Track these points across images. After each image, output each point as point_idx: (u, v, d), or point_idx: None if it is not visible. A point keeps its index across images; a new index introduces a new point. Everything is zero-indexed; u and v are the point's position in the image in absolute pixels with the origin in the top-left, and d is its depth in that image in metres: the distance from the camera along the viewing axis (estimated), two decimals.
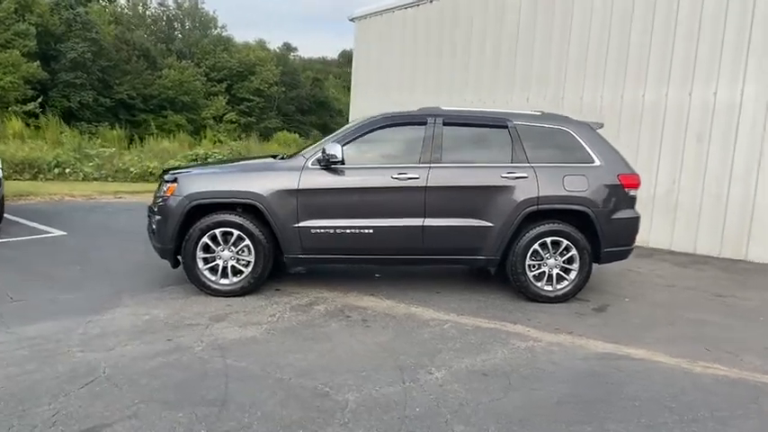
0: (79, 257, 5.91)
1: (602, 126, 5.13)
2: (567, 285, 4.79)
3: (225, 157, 15.36)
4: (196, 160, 16.92)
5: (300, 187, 4.55)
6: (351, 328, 4.01)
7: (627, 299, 5.07)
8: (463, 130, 4.79)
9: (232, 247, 4.62)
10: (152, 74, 35.27)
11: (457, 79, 9.86)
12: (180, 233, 4.58)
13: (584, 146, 4.83)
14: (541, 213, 4.70)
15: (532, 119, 4.95)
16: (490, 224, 4.67)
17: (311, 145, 5.33)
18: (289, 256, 4.66)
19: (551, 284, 4.79)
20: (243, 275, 4.65)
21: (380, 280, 5.39)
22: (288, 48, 51.79)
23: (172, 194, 4.58)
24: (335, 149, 4.43)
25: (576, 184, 4.70)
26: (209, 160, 15.06)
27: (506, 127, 4.81)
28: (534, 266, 4.76)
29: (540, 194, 4.66)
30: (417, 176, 4.62)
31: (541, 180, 4.67)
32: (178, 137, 22.80)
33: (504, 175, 4.68)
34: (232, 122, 37.22)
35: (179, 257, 4.68)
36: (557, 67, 8.68)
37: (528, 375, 3.30)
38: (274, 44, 51.21)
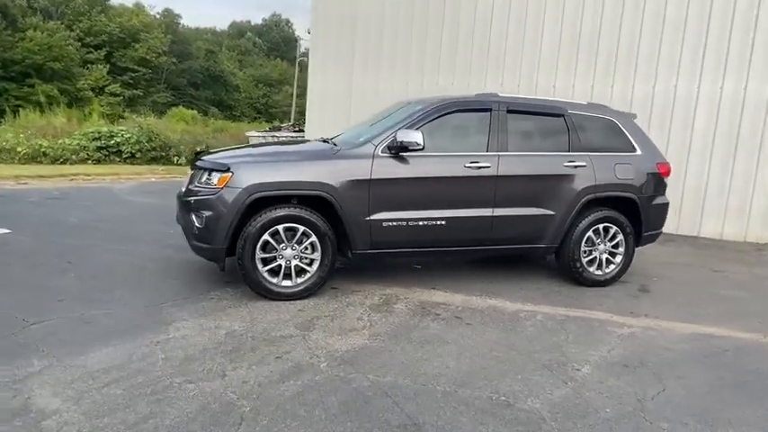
0: (58, 261, 4.93)
1: (636, 117, 5.38)
2: (615, 269, 5.01)
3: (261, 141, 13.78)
4: (99, 139, 15.03)
5: (373, 177, 4.19)
6: (454, 328, 3.81)
7: (655, 278, 5.43)
8: (524, 118, 4.73)
9: (295, 245, 4.14)
10: (12, 35, 30.43)
11: (428, 62, 9.72)
12: (236, 231, 4.00)
13: (627, 135, 5.03)
14: (596, 201, 4.82)
15: (583, 108, 5.03)
16: (552, 212, 4.70)
17: (353, 128, 4.96)
18: (357, 251, 4.29)
19: (601, 269, 4.97)
20: (307, 276, 4.20)
21: (427, 271, 5.19)
22: (169, 14, 47.43)
23: (225, 186, 3.96)
24: (415, 136, 4.12)
25: (625, 173, 4.89)
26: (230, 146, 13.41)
27: (563, 116, 4.84)
28: (586, 252, 4.89)
29: (597, 183, 4.78)
30: (489, 165, 4.48)
31: (597, 169, 4.79)
32: (57, 110, 19.91)
33: (565, 164, 4.72)
34: (115, 95, 33.53)
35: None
36: (530, 53, 8.92)
37: (660, 363, 3.39)
38: (154, 10, 46.46)
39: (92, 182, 11.04)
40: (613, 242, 4.96)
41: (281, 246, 4.10)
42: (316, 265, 4.20)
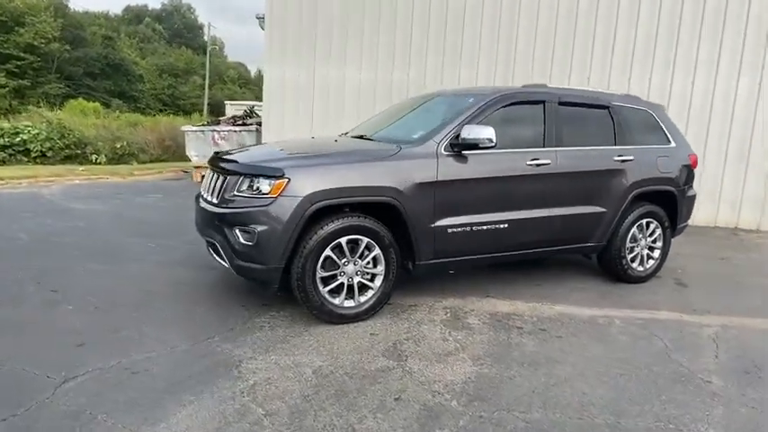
0: (39, 291, 3.95)
1: (665, 108, 5.35)
2: (654, 264, 4.95)
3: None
4: (2, 137, 12.96)
5: (439, 179, 3.73)
6: (548, 343, 3.47)
7: (679, 270, 5.47)
8: (574, 111, 4.47)
9: (358, 260, 3.58)
10: None
11: (398, 54, 9.26)
12: (294, 247, 3.37)
13: (662, 126, 4.98)
14: (641, 196, 4.71)
15: (621, 99, 4.89)
16: (604, 210, 4.52)
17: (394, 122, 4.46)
18: (421, 262, 3.81)
19: (642, 265, 4.89)
20: (370, 293, 3.66)
21: (465, 277, 4.80)
22: None
23: (280, 194, 3.30)
24: (485, 132, 3.71)
25: (665, 166, 4.83)
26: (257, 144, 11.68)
27: (608, 107, 4.66)
28: (629, 249, 4.78)
29: (644, 177, 4.67)
30: (549, 162, 4.18)
31: (643, 163, 4.67)
32: None
33: (615, 159, 4.55)
34: None
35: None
36: (506, 43, 8.79)
37: None
38: None
39: (7, 187, 9.38)
40: (653, 237, 4.90)
41: (343, 261, 3.53)
42: (379, 281, 3.67)
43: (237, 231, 3.40)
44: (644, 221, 4.78)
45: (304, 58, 9.68)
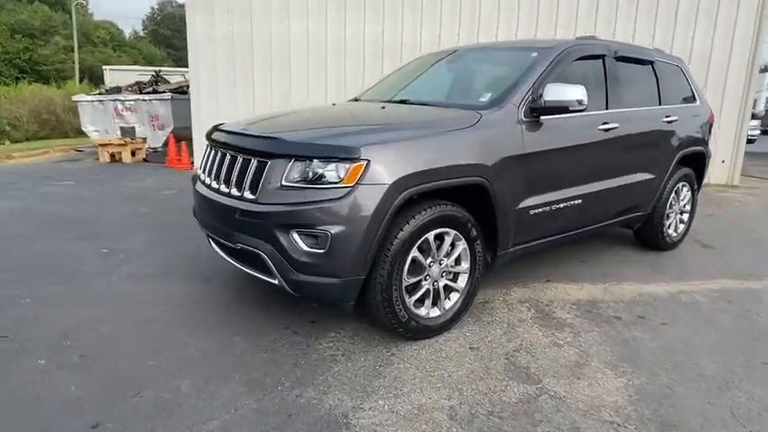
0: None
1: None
2: (684, 229, 4.76)
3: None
4: None
5: (526, 151, 3.06)
6: (664, 334, 3.04)
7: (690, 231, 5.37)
8: (627, 68, 3.97)
9: (443, 258, 2.85)
10: None
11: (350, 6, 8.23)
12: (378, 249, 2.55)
13: (690, 83, 4.70)
14: (681, 159, 4.42)
15: (660, 54, 4.50)
16: (653, 176, 4.16)
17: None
18: (503, 252, 3.16)
19: (675, 230, 4.67)
20: (455, 297, 2.96)
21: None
22: None
23: (358, 182, 2.44)
24: (574, 93, 3.07)
25: (698, 126, 4.58)
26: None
27: (652, 63, 4.25)
28: (666, 215, 4.51)
29: (686, 139, 4.37)
30: (617, 125, 3.68)
31: (684, 123, 4.36)
32: None
33: (664, 120, 4.17)
34: None
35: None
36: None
37: None
38: None
39: None
40: (684, 201, 4.67)
41: (428, 262, 2.78)
42: (464, 281, 2.97)
43: (297, 236, 2.49)
44: (679, 185, 4.52)
45: (236, 10, 8.30)
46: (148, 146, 10.83)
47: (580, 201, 3.51)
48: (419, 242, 2.68)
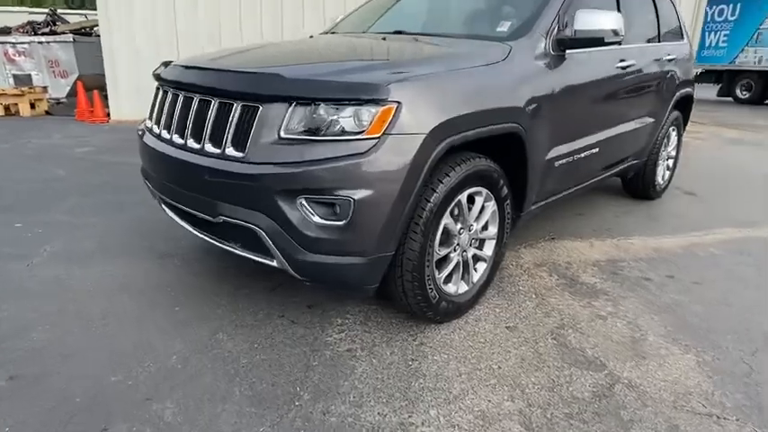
0: None
1: None
2: (669, 175, 4.58)
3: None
4: None
5: (556, 90, 2.58)
6: (703, 296, 2.78)
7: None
8: None
9: (473, 223, 2.36)
10: None
11: None
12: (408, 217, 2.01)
13: (679, 18, 4.38)
14: (676, 102, 4.15)
15: None
16: (654, 120, 3.86)
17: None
18: (527, 210, 2.72)
19: (663, 178, 4.47)
20: (482, 268, 2.51)
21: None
22: None
23: (385, 132, 1.85)
24: (611, 20, 2.59)
25: (688, 65, 4.31)
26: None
27: None
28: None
29: (682, 79, 4.09)
30: (633, 62, 3.29)
31: (680, 62, 4.06)
32: None
33: (666, 58, 3.84)
34: None
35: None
36: None
37: None
38: None
39: None
40: (672, 146, 4.46)
41: (459, 229, 2.28)
42: (491, 248, 2.52)
43: (306, 205, 1.88)
44: (670, 129, 4.28)
45: None
46: (50, 96, 9.30)
47: (597, 149, 3.13)
48: (452, 205, 2.16)
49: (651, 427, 1.80)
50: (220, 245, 2.19)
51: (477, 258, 2.47)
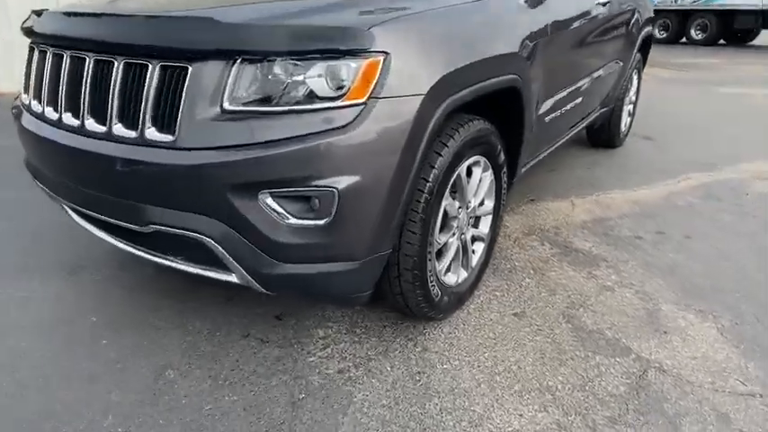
0: None
1: None
2: (629, 121, 4.40)
3: None
4: None
5: (543, 30, 2.19)
6: (700, 253, 2.59)
7: None
8: None
9: (472, 199, 1.96)
10: None
11: None
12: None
13: None
14: (641, 43, 3.89)
15: None
16: (623, 63, 3.60)
17: None
18: (519, 174, 2.37)
19: (625, 124, 4.28)
20: (480, 248, 2.14)
21: None
22: None
23: (371, 93, 1.38)
24: None
25: (648, 2, 4.06)
26: None
27: None
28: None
29: (645, 19, 3.84)
30: (608, 0, 2.95)
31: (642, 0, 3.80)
32: None
33: None
34: None
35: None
36: None
37: None
38: None
39: None
40: (633, 89, 4.26)
41: (458, 208, 1.88)
42: (487, 224, 2.15)
43: (274, 203, 1.40)
44: (632, 73, 4.06)
45: None
46: None
47: (581, 99, 2.82)
48: (452, 181, 1.75)
49: (700, 420, 1.55)
50: (156, 259, 1.66)
51: (474, 239, 2.10)
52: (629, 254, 2.53)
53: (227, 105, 1.37)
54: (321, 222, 1.41)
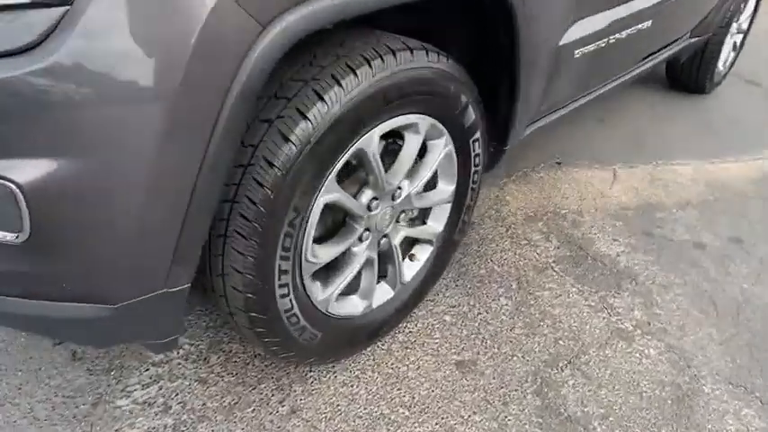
0: None
1: None
2: (732, 58, 3.22)
3: None
4: None
5: None
6: None
7: None
8: None
9: (404, 183, 1.17)
10: None
11: None
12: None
13: None
14: None
15: None
16: None
17: None
18: (521, 137, 1.52)
19: (724, 63, 3.12)
20: (428, 252, 1.38)
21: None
22: None
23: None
24: None
25: None
26: None
27: None
28: None
29: None
30: None
31: None
32: None
33: None
34: None
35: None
36: None
37: None
38: None
39: None
40: (745, 15, 3.06)
41: (369, 199, 1.10)
42: (442, 220, 1.36)
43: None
44: None
45: None
46: None
47: (650, 22, 1.82)
48: (339, 163, 0.97)
49: None
50: None
51: (413, 242, 1.34)
52: (677, 274, 1.69)
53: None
54: (14, 238, 0.72)
